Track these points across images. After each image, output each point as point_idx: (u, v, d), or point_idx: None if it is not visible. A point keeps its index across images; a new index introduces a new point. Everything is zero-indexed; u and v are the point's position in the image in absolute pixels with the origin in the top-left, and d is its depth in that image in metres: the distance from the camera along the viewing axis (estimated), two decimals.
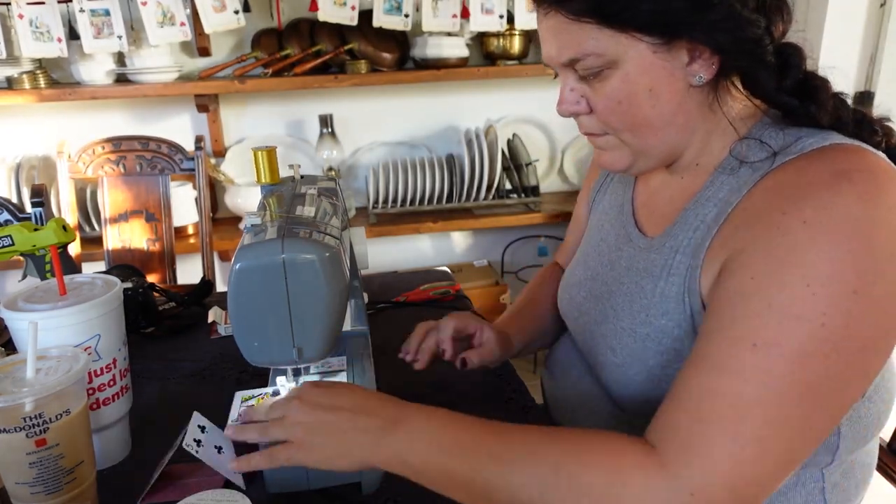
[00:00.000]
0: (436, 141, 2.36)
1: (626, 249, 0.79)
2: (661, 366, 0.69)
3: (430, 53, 2.07)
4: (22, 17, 1.81)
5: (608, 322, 0.77)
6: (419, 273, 1.42)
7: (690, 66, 0.64)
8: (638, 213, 0.82)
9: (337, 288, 0.65)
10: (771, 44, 0.64)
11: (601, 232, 0.87)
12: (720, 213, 0.65)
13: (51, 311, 0.69)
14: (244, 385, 0.92)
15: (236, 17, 1.91)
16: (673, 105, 0.66)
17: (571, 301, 0.87)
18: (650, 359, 0.70)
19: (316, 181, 0.87)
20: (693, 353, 0.60)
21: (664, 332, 0.69)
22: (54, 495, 0.62)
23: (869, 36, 1.86)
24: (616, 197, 0.88)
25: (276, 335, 0.65)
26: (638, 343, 0.71)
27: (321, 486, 0.70)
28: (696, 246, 0.67)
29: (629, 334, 0.73)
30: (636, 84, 0.65)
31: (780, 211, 0.57)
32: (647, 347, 0.70)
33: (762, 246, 0.57)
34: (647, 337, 0.70)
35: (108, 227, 1.67)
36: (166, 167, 1.67)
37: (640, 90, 0.65)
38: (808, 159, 0.60)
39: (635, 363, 0.71)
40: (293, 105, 2.25)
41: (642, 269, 0.74)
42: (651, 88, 0.65)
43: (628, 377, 0.72)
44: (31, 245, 0.96)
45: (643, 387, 0.71)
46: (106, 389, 0.74)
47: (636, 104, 0.66)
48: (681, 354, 0.67)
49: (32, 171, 2.02)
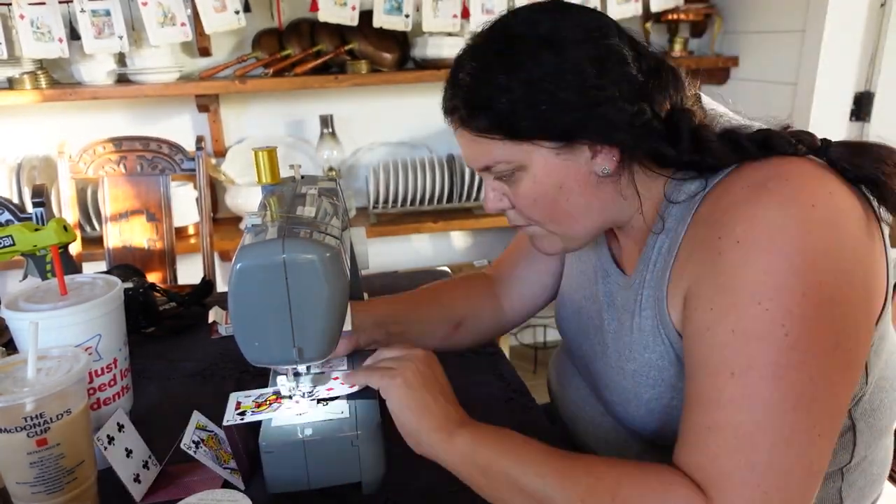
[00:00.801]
0: (436, 141, 2.36)
1: (604, 285, 0.81)
2: (657, 398, 0.70)
3: (431, 53, 2.07)
4: (23, 17, 1.81)
5: (598, 360, 0.80)
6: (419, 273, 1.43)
7: (595, 160, 0.67)
8: (612, 245, 0.82)
9: (337, 288, 0.65)
10: (659, 122, 0.66)
11: (579, 263, 0.88)
12: (672, 243, 0.67)
13: (51, 311, 0.69)
14: (245, 385, 0.92)
15: (237, 18, 1.91)
16: (586, 196, 0.69)
17: (568, 330, 0.89)
18: (644, 393, 0.71)
19: (316, 181, 0.87)
20: (685, 394, 0.61)
21: (650, 366, 0.70)
22: (55, 495, 0.63)
23: (869, 36, 1.86)
24: None
25: (276, 335, 0.65)
26: (628, 380, 0.73)
27: (321, 485, 0.70)
28: (657, 279, 0.69)
29: (618, 372, 0.74)
30: (545, 184, 0.68)
31: (717, 236, 0.60)
32: (637, 383, 0.72)
33: (709, 273, 0.60)
34: (635, 373, 0.72)
35: (109, 227, 1.67)
36: (167, 167, 1.67)
37: (550, 188, 0.68)
38: (729, 181, 0.63)
39: (632, 399, 0.73)
40: (294, 105, 2.25)
41: (620, 306, 0.76)
42: (561, 185, 0.68)
43: (629, 413, 0.74)
44: (31, 245, 0.96)
45: (644, 421, 0.72)
46: (106, 389, 0.74)
47: (550, 200, 0.69)
48: (671, 385, 0.69)
49: (33, 172, 2.02)
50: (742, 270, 0.57)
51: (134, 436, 0.71)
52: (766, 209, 0.57)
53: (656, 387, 0.70)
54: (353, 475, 0.70)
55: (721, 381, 0.56)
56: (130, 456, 0.70)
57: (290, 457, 0.68)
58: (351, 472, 0.70)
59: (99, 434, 0.67)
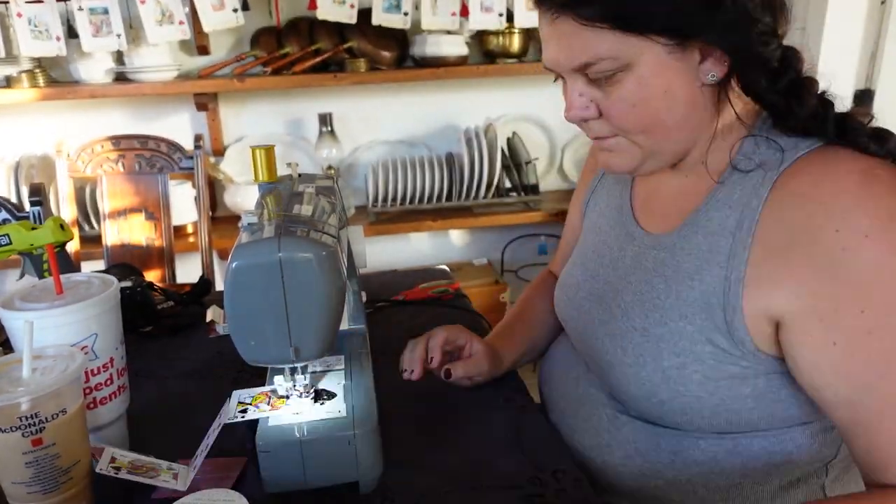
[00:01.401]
0: (435, 139, 2.36)
1: (630, 248, 0.79)
2: (677, 367, 0.68)
3: (430, 52, 2.07)
4: (21, 15, 1.81)
5: (615, 321, 0.76)
6: (418, 272, 1.42)
7: (703, 65, 0.64)
8: (637, 212, 0.81)
9: (334, 287, 0.65)
10: (776, 44, 0.64)
11: (599, 234, 0.86)
12: (742, 219, 0.65)
13: (47, 310, 0.68)
14: (242, 384, 0.92)
15: (235, 16, 1.91)
16: (687, 105, 0.66)
17: (570, 302, 0.87)
18: (665, 360, 0.69)
19: (314, 180, 0.87)
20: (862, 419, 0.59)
21: (681, 335, 0.68)
22: (51, 495, 0.62)
23: (869, 35, 1.86)
24: (613, 199, 0.87)
25: (272, 334, 0.65)
26: (651, 343, 0.71)
27: (318, 485, 0.70)
28: (725, 255, 0.66)
29: (641, 334, 0.72)
30: (651, 86, 0.64)
31: (833, 228, 0.58)
32: (661, 349, 0.70)
33: (837, 272, 0.58)
34: (660, 338, 0.70)
35: (107, 225, 1.67)
36: (165, 166, 1.67)
37: (656, 92, 0.64)
38: (822, 162, 0.62)
39: (648, 363, 0.70)
40: (292, 103, 2.25)
41: (651, 269, 0.74)
42: (666, 90, 0.64)
43: (640, 377, 0.71)
44: (28, 244, 0.96)
45: (656, 388, 0.70)
46: (103, 389, 0.74)
47: (652, 106, 0.65)
48: (700, 358, 0.67)
49: (31, 170, 2.02)
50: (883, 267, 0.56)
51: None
52: (885, 201, 0.57)
53: (681, 355, 0.68)
54: (350, 475, 0.70)
55: None
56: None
57: (287, 456, 0.68)
58: (348, 471, 0.69)
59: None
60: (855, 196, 0.58)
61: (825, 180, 0.60)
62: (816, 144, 0.63)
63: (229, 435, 0.72)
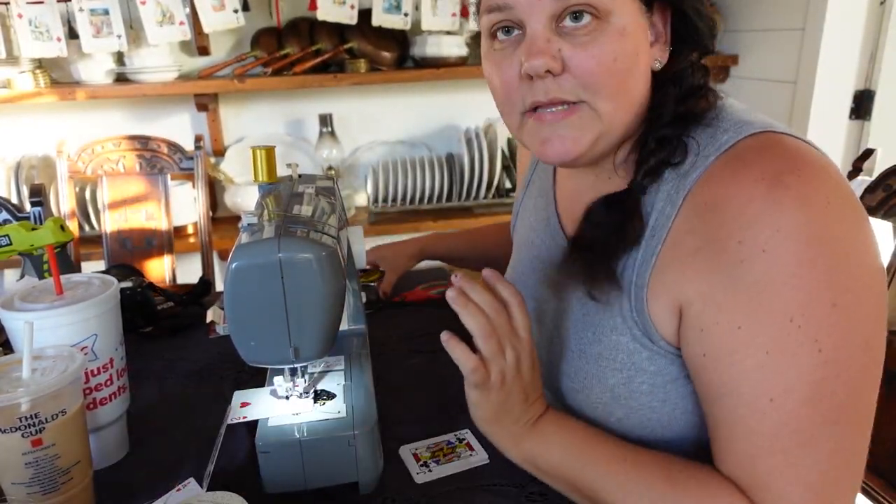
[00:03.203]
0: (435, 140, 2.36)
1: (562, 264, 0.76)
2: (623, 383, 0.66)
3: (430, 52, 2.07)
4: (21, 16, 1.81)
5: (554, 345, 0.74)
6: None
7: (653, 48, 0.64)
8: (564, 223, 0.78)
9: (334, 287, 0.65)
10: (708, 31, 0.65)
11: (531, 249, 0.83)
12: (655, 226, 0.63)
13: (47, 311, 0.69)
14: (242, 384, 0.92)
15: (235, 17, 1.91)
16: (644, 81, 0.64)
17: None
18: (609, 378, 0.67)
19: (314, 180, 0.87)
20: (715, 423, 0.59)
21: (617, 349, 0.66)
22: (50, 495, 0.62)
23: (869, 35, 1.86)
24: (539, 211, 0.84)
25: (272, 335, 0.65)
26: (591, 364, 0.69)
27: (318, 486, 0.70)
28: (633, 262, 0.64)
29: (579, 356, 0.70)
30: (630, 42, 0.61)
31: (736, 240, 0.55)
32: (602, 368, 0.68)
33: (728, 285, 0.56)
34: (599, 356, 0.68)
35: (108, 226, 1.67)
36: (166, 166, 1.67)
37: (631, 51, 0.61)
38: (733, 167, 0.58)
39: (595, 385, 0.69)
40: (293, 104, 2.25)
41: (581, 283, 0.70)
42: (638, 52, 0.62)
43: (591, 401, 0.69)
44: (28, 244, 0.96)
45: (609, 408, 0.68)
46: (103, 389, 0.74)
47: (626, 66, 0.61)
48: (642, 368, 0.65)
49: (32, 171, 2.02)
50: (771, 286, 0.54)
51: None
52: (790, 212, 0.54)
53: (624, 370, 0.66)
54: (349, 475, 0.70)
55: (760, 407, 0.55)
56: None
57: (287, 457, 0.68)
58: (348, 472, 0.69)
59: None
60: (760, 206, 0.55)
61: (735, 189, 0.57)
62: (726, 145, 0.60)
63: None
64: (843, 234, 0.55)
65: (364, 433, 0.69)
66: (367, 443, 0.69)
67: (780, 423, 0.55)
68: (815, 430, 0.54)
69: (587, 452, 0.64)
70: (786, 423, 0.54)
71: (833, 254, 0.54)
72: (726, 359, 0.57)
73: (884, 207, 1.07)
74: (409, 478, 0.72)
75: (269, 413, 0.72)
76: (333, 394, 0.75)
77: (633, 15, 0.61)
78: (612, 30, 0.59)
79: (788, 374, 0.54)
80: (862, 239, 0.56)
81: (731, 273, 0.56)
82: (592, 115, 0.62)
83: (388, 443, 0.77)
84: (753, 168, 0.57)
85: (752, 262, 0.55)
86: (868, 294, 0.55)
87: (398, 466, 0.74)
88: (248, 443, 0.77)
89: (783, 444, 0.55)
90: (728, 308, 0.56)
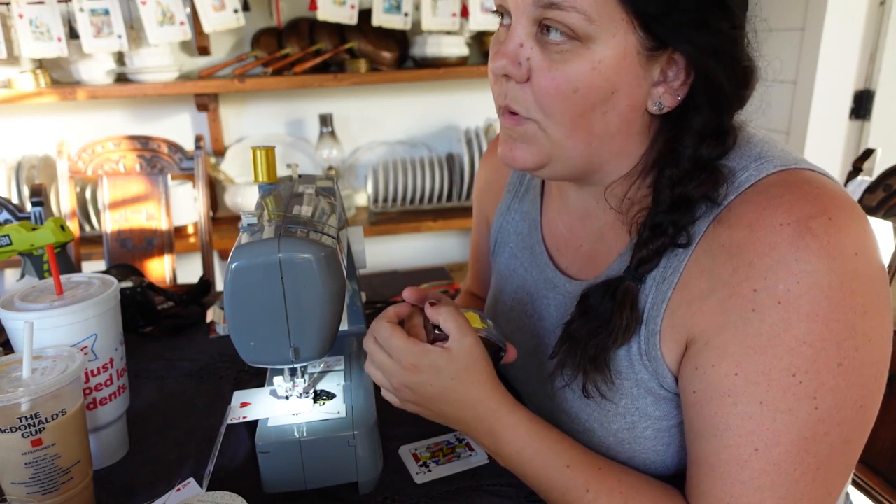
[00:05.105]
0: (436, 140, 2.36)
1: (552, 297, 0.74)
2: (627, 428, 0.65)
3: (430, 52, 2.07)
4: (22, 16, 1.81)
5: (554, 383, 0.71)
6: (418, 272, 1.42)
7: (656, 88, 0.59)
8: (553, 251, 0.76)
9: (333, 287, 0.65)
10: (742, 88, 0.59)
11: (515, 279, 0.81)
12: (667, 268, 0.60)
13: (47, 311, 0.69)
14: (242, 385, 0.92)
15: (236, 17, 1.91)
16: (621, 121, 0.60)
17: (511, 366, 0.79)
18: (612, 423, 0.65)
19: (314, 180, 0.87)
20: (696, 459, 0.58)
21: (621, 394, 0.64)
22: (51, 495, 0.62)
23: (869, 35, 1.86)
24: (522, 237, 0.81)
25: (272, 335, 0.65)
26: (593, 407, 0.67)
27: (318, 486, 0.70)
28: (646, 306, 0.62)
29: (580, 398, 0.67)
30: (603, 77, 0.56)
31: (751, 287, 0.53)
32: (605, 411, 0.66)
33: (738, 329, 0.54)
34: (602, 400, 0.65)
35: (108, 226, 1.67)
36: (166, 166, 1.67)
37: (604, 87, 0.57)
38: (758, 205, 0.55)
39: (597, 429, 0.67)
40: (293, 104, 2.25)
41: None
42: (614, 91, 0.57)
43: (593, 443, 0.68)
44: (29, 244, 0.96)
45: (611, 451, 0.66)
46: (103, 389, 0.74)
47: (590, 101, 0.57)
48: (646, 413, 0.63)
49: (32, 171, 2.02)
50: (779, 338, 0.52)
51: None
52: (813, 264, 0.51)
53: (628, 415, 0.64)
54: (349, 475, 0.70)
55: (744, 454, 0.54)
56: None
57: (287, 457, 0.68)
58: (347, 472, 0.70)
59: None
60: (783, 253, 0.52)
61: (759, 234, 0.54)
62: (754, 179, 0.57)
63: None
64: (865, 289, 0.52)
65: (364, 433, 0.69)
66: (366, 443, 0.69)
67: (761, 471, 0.54)
68: (795, 482, 0.53)
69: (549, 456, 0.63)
70: (766, 473, 0.53)
71: (850, 310, 0.52)
72: (717, 401, 0.55)
73: (884, 207, 1.07)
74: (409, 478, 0.72)
75: (269, 413, 0.72)
76: (333, 394, 0.75)
77: (622, 49, 0.56)
78: (586, 58, 0.56)
79: (778, 427, 0.53)
80: (881, 290, 0.54)
81: (740, 320, 0.54)
82: (542, 135, 0.61)
83: (387, 443, 0.77)
84: (778, 211, 0.54)
85: (765, 312, 0.53)
86: (875, 354, 0.54)
87: (398, 466, 0.74)
88: (248, 443, 0.77)
89: (760, 495, 0.54)
90: (730, 353, 0.55)
